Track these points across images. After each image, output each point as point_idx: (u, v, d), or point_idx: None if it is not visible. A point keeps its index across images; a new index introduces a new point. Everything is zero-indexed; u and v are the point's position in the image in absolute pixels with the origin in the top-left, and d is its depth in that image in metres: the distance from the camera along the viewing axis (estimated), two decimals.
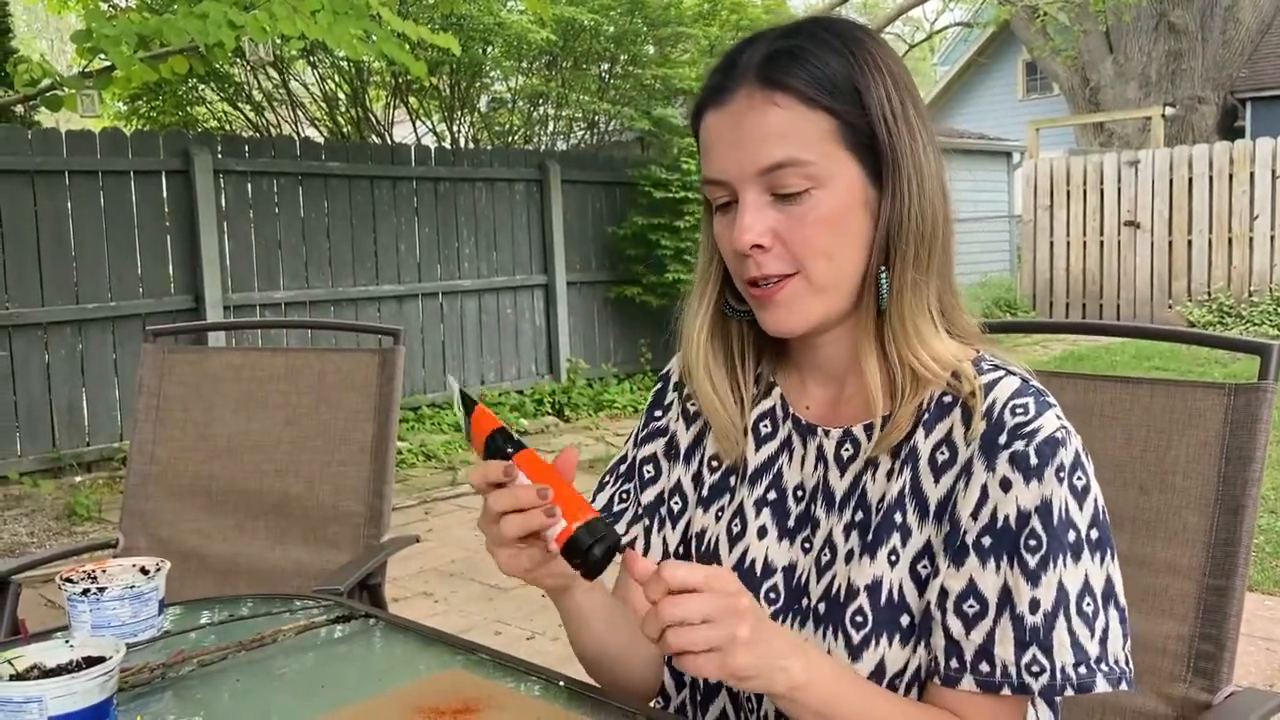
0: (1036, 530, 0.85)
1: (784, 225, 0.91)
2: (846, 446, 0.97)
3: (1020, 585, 0.85)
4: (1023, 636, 0.85)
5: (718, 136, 0.93)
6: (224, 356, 2.28)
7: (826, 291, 0.92)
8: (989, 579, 0.86)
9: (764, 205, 0.91)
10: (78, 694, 0.88)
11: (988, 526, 0.87)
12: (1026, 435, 0.87)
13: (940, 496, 0.91)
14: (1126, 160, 10.28)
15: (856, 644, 0.90)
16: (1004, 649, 0.85)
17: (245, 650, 1.16)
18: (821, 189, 0.90)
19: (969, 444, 0.90)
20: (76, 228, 5.51)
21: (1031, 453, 0.86)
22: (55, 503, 5.04)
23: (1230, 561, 1.22)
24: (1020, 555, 0.85)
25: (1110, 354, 8.44)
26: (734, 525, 1.01)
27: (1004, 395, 0.90)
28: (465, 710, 0.99)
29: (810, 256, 0.91)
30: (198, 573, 2.11)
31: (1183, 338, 1.49)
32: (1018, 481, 0.86)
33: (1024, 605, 0.85)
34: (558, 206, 7.65)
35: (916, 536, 0.91)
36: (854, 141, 0.90)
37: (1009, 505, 0.87)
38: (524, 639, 3.32)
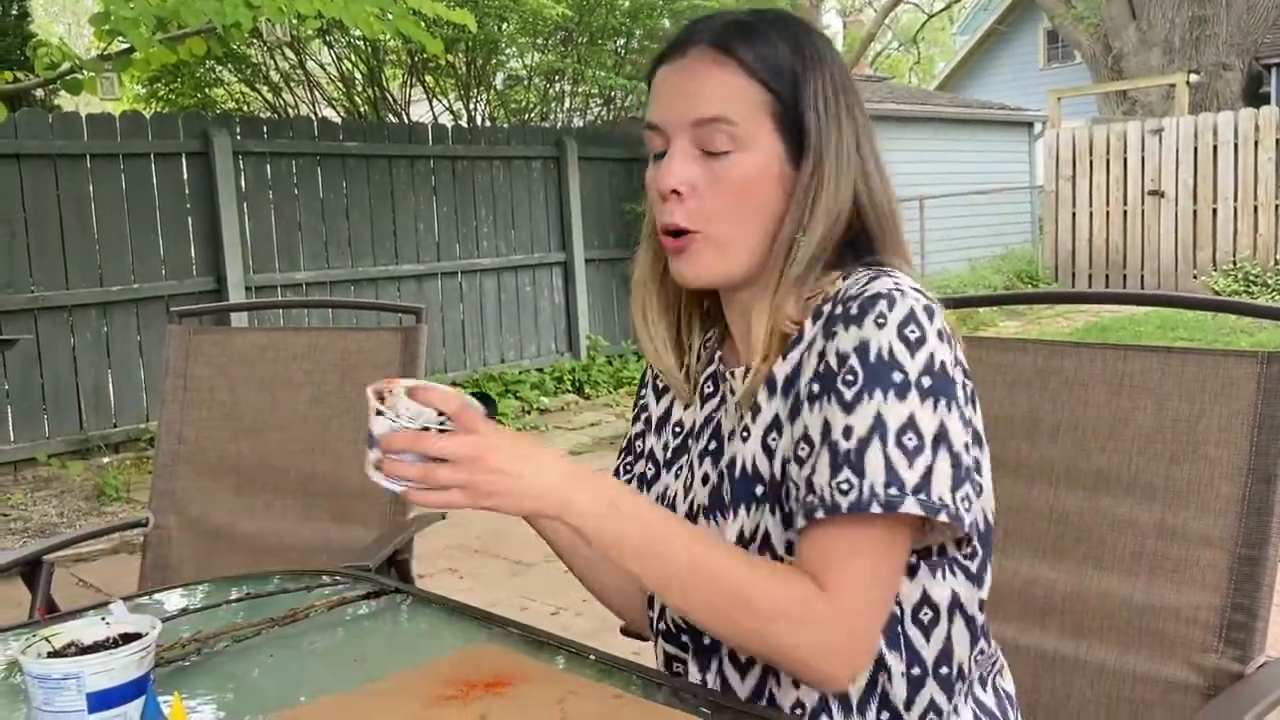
0: (854, 367, 0.90)
1: (703, 180, 0.97)
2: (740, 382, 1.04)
3: (836, 415, 0.90)
4: (836, 460, 0.89)
5: (665, 86, 1.01)
6: (248, 336, 2.29)
7: (725, 251, 0.98)
8: (815, 419, 0.93)
9: (691, 157, 0.98)
10: (115, 670, 0.89)
11: (814, 376, 0.94)
12: (855, 297, 0.93)
13: (788, 372, 0.98)
14: (1150, 128, 10.15)
15: (728, 520, 0.99)
16: (820, 476, 0.90)
17: (278, 626, 1.17)
18: (742, 153, 0.97)
19: (815, 323, 0.97)
20: (99, 211, 5.54)
21: (854, 306, 0.92)
22: (84, 484, 5.10)
23: (1263, 531, 1.21)
24: (837, 389, 0.91)
25: (1135, 324, 8.37)
26: (687, 480, 1.07)
27: (859, 283, 0.94)
28: (497, 683, 1.00)
29: (715, 216, 0.98)
30: (228, 551, 2.13)
31: (1212, 305, 1.47)
32: (840, 330, 0.92)
33: (838, 433, 0.89)
34: (575, 183, 7.63)
35: (765, 411, 0.98)
36: (781, 120, 0.97)
37: (830, 352, 0.93)
38: (549, 614, 3.34)
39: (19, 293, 5.26)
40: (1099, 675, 1.29)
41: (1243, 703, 1.13)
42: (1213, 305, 1.49)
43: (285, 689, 1.03)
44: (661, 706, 0.95)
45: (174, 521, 2.13)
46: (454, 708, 0.95)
